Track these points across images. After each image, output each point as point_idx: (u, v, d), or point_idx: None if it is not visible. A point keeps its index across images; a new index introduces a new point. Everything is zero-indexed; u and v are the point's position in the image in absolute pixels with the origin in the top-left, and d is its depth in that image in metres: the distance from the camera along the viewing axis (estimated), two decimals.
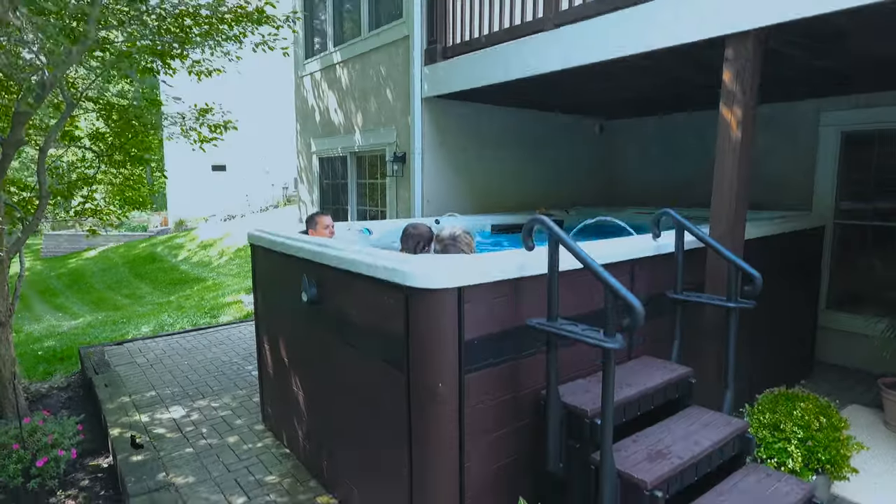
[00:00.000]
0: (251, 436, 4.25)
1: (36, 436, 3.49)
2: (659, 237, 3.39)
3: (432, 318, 2.45)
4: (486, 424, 2.65)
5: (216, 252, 18.31)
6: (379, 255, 2.73)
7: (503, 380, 2.69)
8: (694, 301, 3.23)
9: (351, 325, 3.00)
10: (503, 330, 2.65)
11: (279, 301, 3.92)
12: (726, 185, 3.25)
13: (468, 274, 2.48)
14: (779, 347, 4.87)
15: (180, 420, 4.54)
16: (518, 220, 5.73)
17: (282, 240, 3.62)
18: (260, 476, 3.67)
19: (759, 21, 3.01)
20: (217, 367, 5.82)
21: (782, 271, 4.63)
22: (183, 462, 3.87)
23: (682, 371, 3.15)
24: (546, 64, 4.22)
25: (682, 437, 2.78)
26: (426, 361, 2.50)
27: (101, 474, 4.07)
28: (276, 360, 4.05)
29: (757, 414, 3.17)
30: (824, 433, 2.99)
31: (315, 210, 7.79)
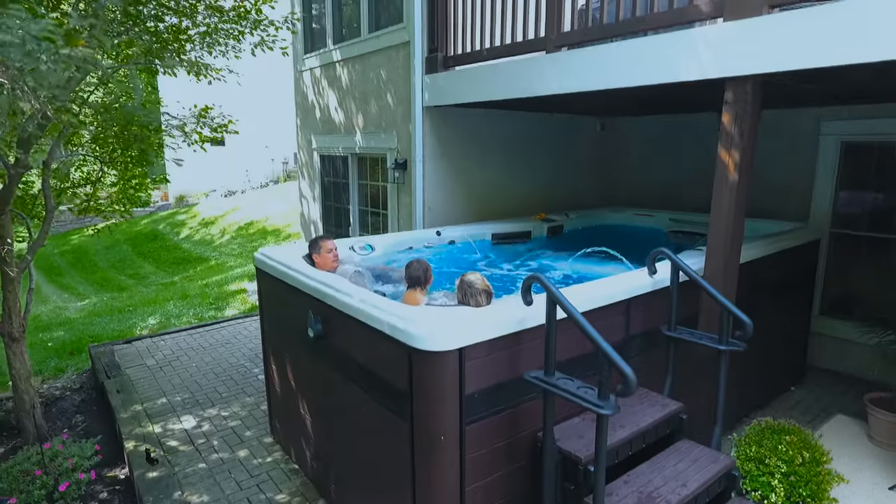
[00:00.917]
0: (260, 449, 4.44)
1: (57, 461, 3.67)
2: (655, 273, 3.48)
3: (435, 376, 2.56)
4: (486, 468, 2.80)
5: (217, 230, 18.38)
6: (384, 307, 2.81)
7: (502, 426, 2.83)
8: (686, 339, 3.33)
9: (356, 366, 3.12)
10: (503, 381, 2.77)
11: (285, 326, 4.03)
12: (722, 224, 3.32)
13: (470, 333, 2.58)
14: (772, 353, 4.99)
15: (192, 431, 4.73)
16: (518, 227, 5.80)
17: (288, 271, 3.70)
18: (270, 494, 3.86)
19: (759, 68, 3.01)
20: (224, 370, 5.99)
21: (776, 285, 4.73)
22: (197, 479, 4.06)
23: (674, 407, 3.28)
24: (547, 87, 4.21)
25: (672, 476, 2.94)
26: (429, 415, 2.63)
27: (118, 486, 4.28)
28: (283, 381, 4.19)
29: (744, 447, 3.32)
30: (807, 467, 3.15)
31: (319, 233, 7.84)
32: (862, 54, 2.61)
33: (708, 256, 3.46)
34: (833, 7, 2.69)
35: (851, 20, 2.62)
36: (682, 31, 3.31)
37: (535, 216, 6.14)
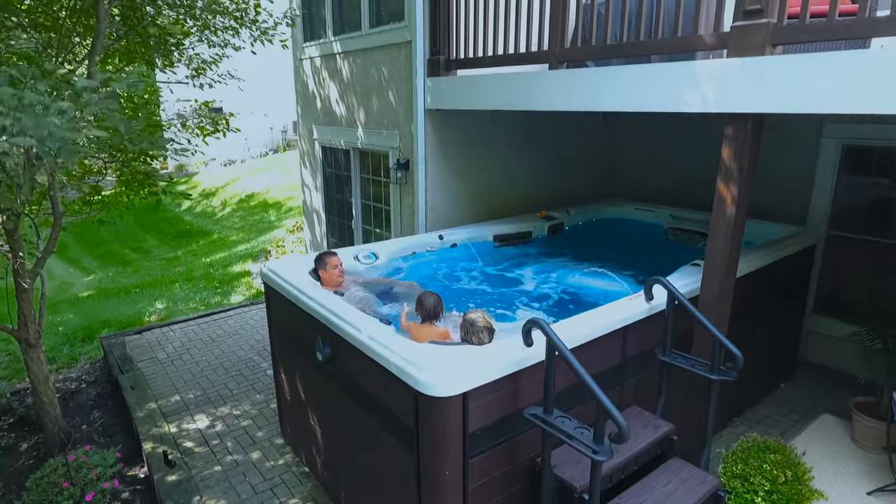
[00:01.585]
0: (272, 451, 4.66)
1: (82, 472, 3.89)
2: (652, 300, 3.59)
3: (440, 419, 2.72)
4: (487, 494, 2.99)
5: (218, 202, 18.39)
6: (393, 347, 2.93)
7: (503, 456, 3.01)
8: (678, 365, 3.48)
9: (365, 395, 3.28)
10: (504, 416, 2.93)
11: (294, 341, 4.17)
12: (719, 257, 3.41)
13: (473, 377, 2.72)
14: (765, 353, 5.16)
15: (206, 431, 4.95)
16: (519, 228, 5.88)
17: (298, 294, 3.81)
18: (284, 499, 4.10)
19: (760, 108, 3.04)
20: (234, 364, 6.19)
21: (772, 290, 4.84)
22: (214, 482, 4.30)
23: (666, 430, 3.47)
24: (549, 103, 4.22)
25: (661, 499, 3.13)
26: (434, 452, 2.79)
27: (139, 486, 4.53)
28: (293, 390, 4.37)
29: (730, 464, 3.52)
30: (789, 485, 3.35)
31: (322, 222, 7.87)
32: (864, 106, 2.64)
33: (703, 285, 3.57)
34: (836, 56, 2.70)
35: (855, 71, 2.64)
36: (685, 63, 3.31)
37: (538, 215, 6.20)
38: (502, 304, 4.43)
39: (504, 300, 4.50)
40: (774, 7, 2.97)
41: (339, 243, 7.68)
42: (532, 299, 4.50)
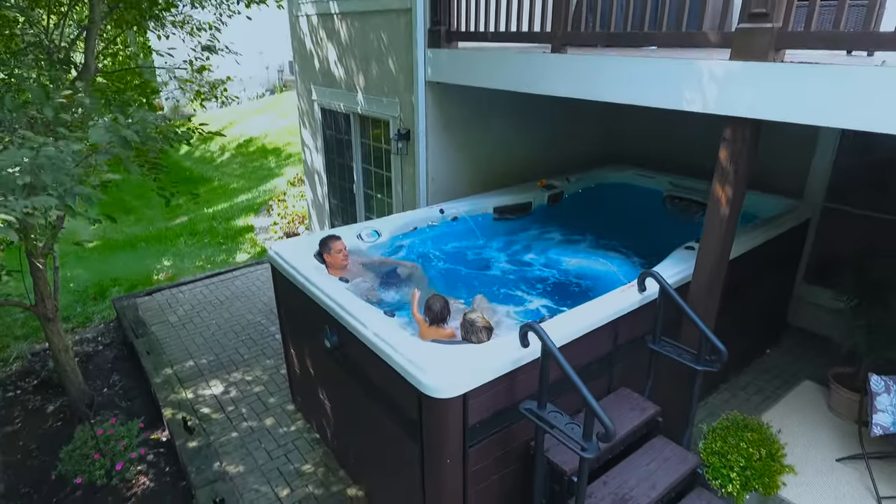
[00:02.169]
0: (284, 417, 4.98)
1: (110, 443, 4.20)
2: (644, 291, 3.75)
3: (441, 415, 2.94)
4: (485, 475, 3.28)
5: (217, 147, 18.20)
6: (398, 347, 3.11)
7: (499, 442, 3.27)
8: (666, 354, 3.68)
9: (370, 382, 3.50)
10: (501, 409, 3.16)
11: (302, 323, 4.36)
12: (711, 255, 3.53)
13: (473, 379, 2.93)
14: (754, 321, 5.37)
15: (221, 397, 5.26)
16: (519, 199, 5.94)
17: (305, 283, 3.96)
18: (297, 465, 4.44)
19: (759, 114, 3.07)
20: (243, 328, 6.45)
21: (764, 266, 4.98)
22: (231, 448, 4.63)
23: (652, 412, 3.72)
24: (550, 87, 4.19)
25: (644, 477, 3.43)
26: (436, 443, 3.04)
27: (161, 449, 4.88)
28: (302, 367, 4.62)
29: (710, 442, 3.79)
30: (763, 462, 3.64)
31: (323, 184, 7.84)
32: (866, 123, 2.67)
33: (694, 279, 3.71)
34: (839, 70, 2.70)
35: (858, 87, 2.65)
36: (689, 62, 3.29)
37: (538, 184, 6.24)
38: (501, 288, 4.59)
39: (503, 283, 4.66)
40: (780, 12, 2.93)
41: (341, 205, 7.76)
42: (531, 282, 4.65)
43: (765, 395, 5.19)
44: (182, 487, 4.45)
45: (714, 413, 4.90)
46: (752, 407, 4.99)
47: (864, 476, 4.16)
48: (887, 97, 2.57)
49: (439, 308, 3.59)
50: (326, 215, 8.15)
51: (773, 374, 5.49)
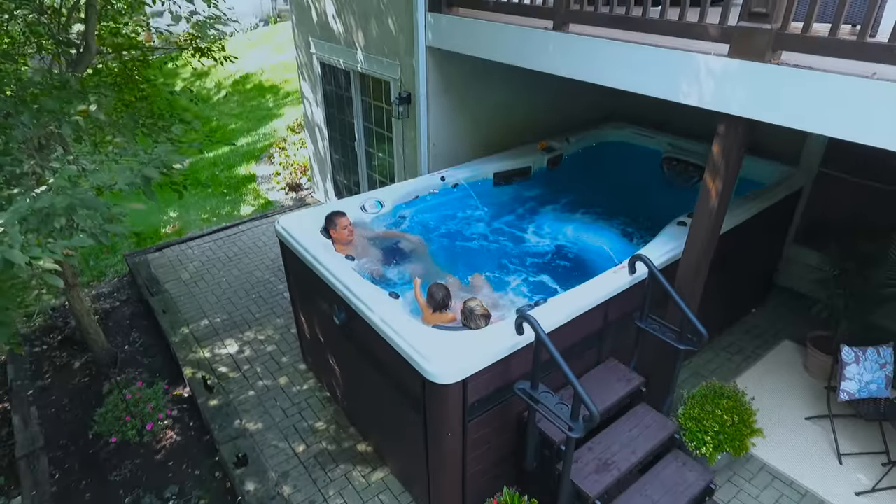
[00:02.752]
0: (297, 376, 5.35)
1: (139, 406, 4.57)
2: (634, 273, 3.96)
3: (443, 398, 3.24)
4: (482, 443, 3.64)
5: (213, 84, 17.78)
6: (403, 333, 3.36)
7: (496, 415, 3.60)
8: (651, 331, 3.95)
9: (377, 359, 3.79)
10: (499, 387, 3.46)
11: (311, 295, 4.60)
12: (699, 243, 3.71)
13: (472, 365, 3.20)
14: (742, 282, 5.62)
15: (236, 356, 5.61)
16: (519, 163, 6.02)
17: (314, 262, 4.16)
18: (311, 422, 4.84)
19: (753, 114, 3.14)
20: (253, 286, 6.72)
21: (755, 233, 5.12)
22: (250, 406, 5.02)
23: (637, 383, 4.05)
24: (551, 66, 4.20)
25: (626, 443, 3.80)
26: (438, 419, 3.36)
27: (184, 405, 5.28)
28: (312, 333, 4.91)
29: (689, 408, 4.14)
30: (735, 428, 4.00)
31: (325, 138, 7.78)
32: (857, 135, 2.75)
33: (682, 263, 3.91)
34: (832, 79, 2.76)
35: (850, 98, 2.72)
36: (688, 55, 3.32)
37: (538, 146, 6.29)
38: (499, 264, 4.80)
39: (501, 259, 4.86)
40: (780, 13, 2.95)
41: (343, 160, 7.81)
42: (527, 257, 4.85)
43: (745, 354, 5.53)
44: (206, 441, 4.88)
45: (697, 373, 5.27)
46: (733, 367, 5.34)
47: (829, 434, 4.56)
48: (876, 110, 2.66)
49: (441, 297, 3.82)
50: (328, 169, 8.21)
51: (754, 335, 5.81)
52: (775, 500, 4.10)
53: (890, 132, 2.65)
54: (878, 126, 2.68)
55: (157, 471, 4.62)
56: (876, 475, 4.24)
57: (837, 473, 4.27)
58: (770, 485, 4.20)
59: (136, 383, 4.93)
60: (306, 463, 4.47)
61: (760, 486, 4.20)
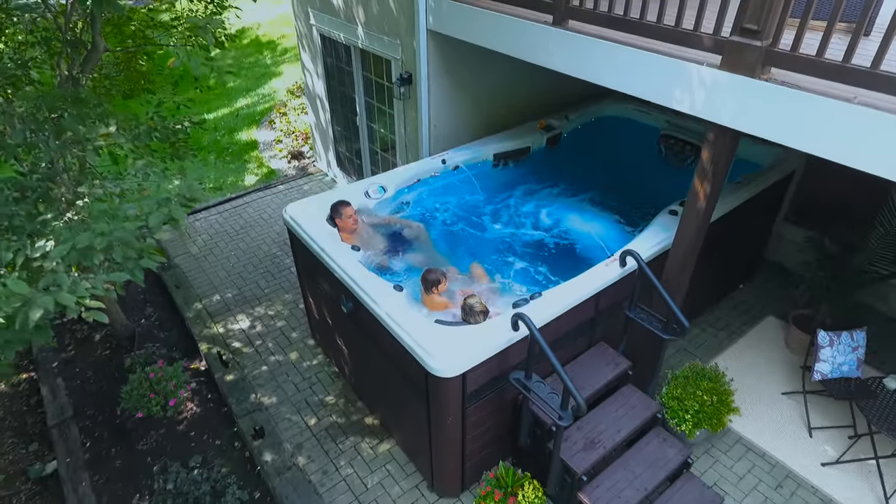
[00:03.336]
0: (307, 352, 5.67)
1: (161, 384, 4.91)
2: (625, 266, 4.18)
3: (444, 388, 3.54)
4: (480, 425, 3.98)
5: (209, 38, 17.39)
6: (407, 328, 3.63)
7: (493, 400, 3.92)
8: (638, 321, 4.21)
9: (383, 347, 4.08)
10: (495, 377, 3.76)
11: (319, 280, 4.85)
12: (686, 240, 3.92)
13: (472, 360, 3.48)
14: (731, 260, 5.86)
15: (248, 332, 5.92)
16: (518, 143, 6.12)
17: (321, 253, 4.38)
18: (321, 396, 5.20)
19: (740, 126, 3.28)
20: (260, 261, 6.97)
21: (746, 217, 5.30)
22: (263, 381, 5.37)
23: (624, 366, 4.35)
24: (549, 61, 4.28)
25: (612, 422, 4.14)
26: (440, 406, 3.68)
27: (202, 378, 5.64)
28: (320, 313, 5.19)
29: (672, 388, 4.46)
30: (713, 407, 4.34)
31: (326, 109, 7.78)
32: (837, 154, 2.91)
33: (670, 260, 4.13)
34: (816, 101, 2.89)
35: (832, 120, 2.86)
36: (682, 63, 3.41)
37: (538, 125, 6.37)
38: (497, 251, 5.01)
39: (499, 245, 5.06)
40: (771, 30, 3.04)
41: (345, 133, 7.88)
42: (524, 245, 5.05)
43: (730, 330, 5.83)
44: (224, 412, 5.26)
45: (684, 349, 5.58)
46: (718, 343, 5.65)
47: (802, 409, 4.91)
48: (856, 133, 2.81)
49: (432, 278, 4.05)
50: (330, 141, 8.29)
51: (741, 311, 6.09)
52: (748, 470, 4.49)
53: (867, 155, 2.81)
54: (856, 149, 2.84)
55: (181, 441, 5.01)
56: (842, 447, 4.61)
57: (807, 446, 4.65)
58: (744, 456, 4.59)
59: (158, 362, 5.26)
60: (318, 435, 4.85)
61: (735, 457, 4.58)
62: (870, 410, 4.24)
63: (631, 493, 3.88)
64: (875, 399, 4.34)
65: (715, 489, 4.30)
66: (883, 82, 2.72)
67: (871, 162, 2.81)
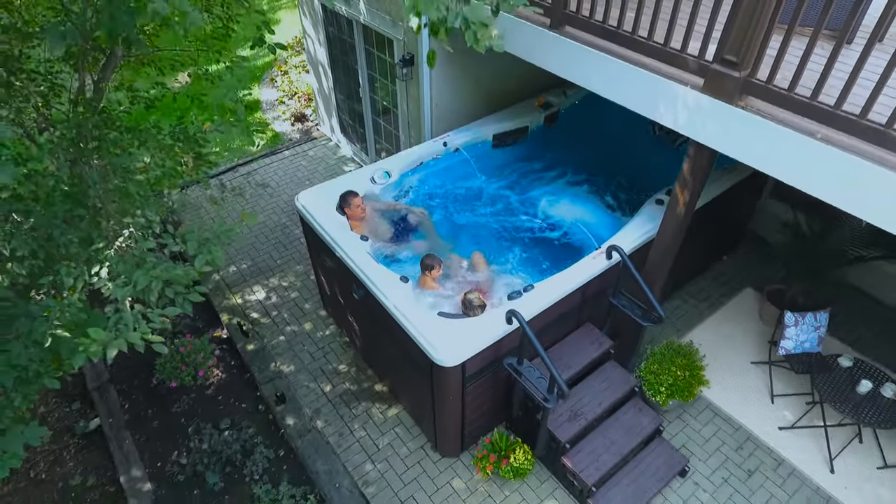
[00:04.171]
0: (320, 323, 6.18)
1: (191, 356, 5.44)
2: (610, 258, 4.58)
3: (446, 375, 4.04)
4: (478, 399, 4.52)
5: None
6: (413, 320, 4.08)
7: (489, 380, 4.44)
8: (621, 308, 4.66)
9: (391, 333, 4.55)
10: (491, 362, 4.26)
11: (330, 267, 5.25)
12: (663, 247, 4.29)
13: (471, 351, 3.96)
14: (716, 236, 6.26)
15: (265, 303, 6.41)
16: (517, 123, 6.34)
17: (329, 240, 4.77)
18: (335, 365, 5.75)
19: (717, 147, 3.58)
20: (271, 231, 7.35)
21: (732, 199, 5.64)
22: (282, 350, 5.91)
23: (607, 346, 4.85)
24: (547, 63, 4.46)
25: (595, 395, 4.69)
26: (442, 387, 4.20)
27: (224, 345, 6.18)
28: (332, 290, 5.64)
29: (650, 363, 4.98)
30: (685, 381, 4.87)
31: (328, 75, 7.84)
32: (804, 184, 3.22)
33: (651, 252, 4.52)
34: (786, 134, 3.18)
35: (798, 153, 3.17)
36: (669, 83, 3.66)
37: (535, 103, 6.56)
38: (496, 236, 5.38)
39: (498, 230, 5.42)
40: (750, 62, 3.28)
41: (348, 102, 8.03)
42: (521, 230, 5.41)
43: (710, 301, 6.31)
44: (247, 378, 5.83)
45: (666, 319, 6.06)
46: (697, 314, 6.14)
47: (768, 378, 5.47)
48: (818, 166, 3.12)
49: (428, 264, 4.47)
50: (333, 108, 8.44)
51: (721, 282, 6.54)
52: (713, 433, 5.09)
53: (828, 187, 3.12)
54: (818, 180, 3.16)
55: (210, 404, 5.61)
56: (799, 413, 5.19)
57: (768, 411, 5.23)
58: (711, 421, 5.18)
59: (186, 334, 5.77)
60: (334, 401, 5.43)
61: (703, 422, 5.17)
62: (821, 384, 4.78)
63: (608, 458, 4.48)
64: (830, 374, 4.87)
65: (683, 451, 4.92)
66: (842, 122, 3.02)
67: (829, 193, 3.13)
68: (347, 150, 8.72)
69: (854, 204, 3.05)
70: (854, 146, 3.00)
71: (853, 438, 4.97)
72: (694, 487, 4.72)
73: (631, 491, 4.48)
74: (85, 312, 3.07)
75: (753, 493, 4.69)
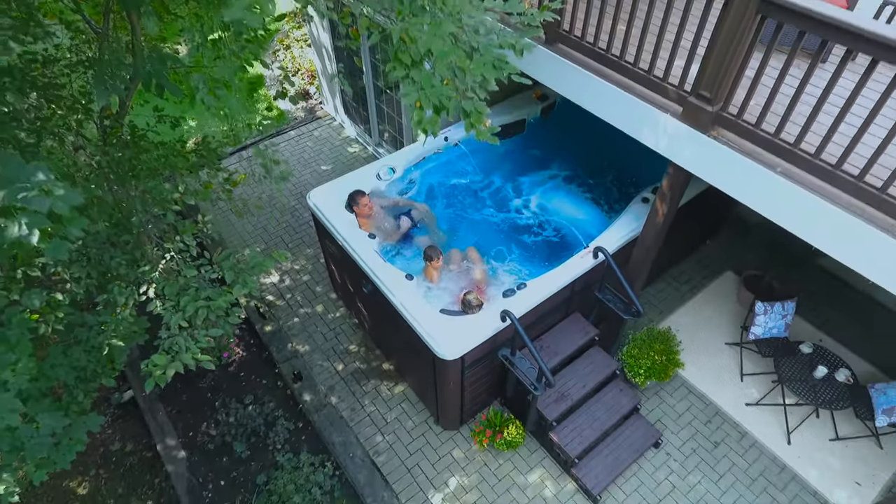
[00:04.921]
0: (330, 305, 6.69)
1: (216, 340, 5.97)
2: (597, 258, 5.03)
3: (447, 366, 4.57)
4: (476, 383, 5.08)
5: None
6: (417, 316, 4.57)
7: (486, 366, 4.98)
8: (605, 301, 5.15)
9: (397, 325, 5.05)
10: (487, 353, 4.79)
11: (340, 260, 5.70)
12: (645, 247, 4.73)
13: (469, 345, 4.48)
14: (700, 223, 6.67)
15: (279, 286, 6.90)
16: (514, 116, 6.63)
17: (339, 238, 5.21)
18: (345, 345, 6.30)
19: (693, 170, 3.97)
20: (282, 214, 7.76)
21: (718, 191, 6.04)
22: (297, 331, 6.44)
23: (592, 333, 5.37)
24: (540, 75, 4.76)
25: (580, 378, 5.24)
26: (444, 375, 4.74)
27: (243, 325, 6.72)
28: (342, 279, 6.12)
29: (631, 348, 5.52)
30: (661, 364, 5.42)
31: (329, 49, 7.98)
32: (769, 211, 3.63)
33: (634, 254, 4.97)
34: (752, 167, 3.56)
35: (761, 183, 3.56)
36: (652, 110, 3.99)
37: (533, 95, 6.83)
38: (493, 230, 5.80)
39: (493, 225, 5.84)
40: (722, 97, 3.62)
41: (351, 84, 8.25)
42: (515, 227, 5.82)
43: (692, 284, 6.80)
44: (265, 356, 6.40)
45: (648, 302, 6.58)
46: (679, 297, 6.64)
47: (739, 359, 6.02)
48: (777, 197, 3.52)
49: (429, 254, 4.92)
50: (337, 90, 8.67)
51: (703, 265, 7.00)
52: (686, 409, 5.69)
53: (787, 216, 3.53)
54: (779, 208, 3.57)
55: (233, 380, 6.20)
56: (765, 391, 5.77)
57: (736, 389, 5.81)
58: (685, 398, 5.77)
59: None
60: (346, 379, 6.01)
61: (678, 398, 5.76)
62: (782, 368, 5.33)
63: (590, 432, 5.09)
64: (792, 358, 5.42)
65: (658, 425, 5.53)
66: (800, 159, 3.40)
67: (788, 220, 3.55)
68: (351, 130, 9.00)
69: (809, 233, 3.47)
70: (809, 181, 3.40)
71: (810, 414, 5.57)
72: (665, 457, 5.35)
73: (610, 461, 5.11)
74: (136, 325, 3.56)
75: (718, 461, 5.32)
